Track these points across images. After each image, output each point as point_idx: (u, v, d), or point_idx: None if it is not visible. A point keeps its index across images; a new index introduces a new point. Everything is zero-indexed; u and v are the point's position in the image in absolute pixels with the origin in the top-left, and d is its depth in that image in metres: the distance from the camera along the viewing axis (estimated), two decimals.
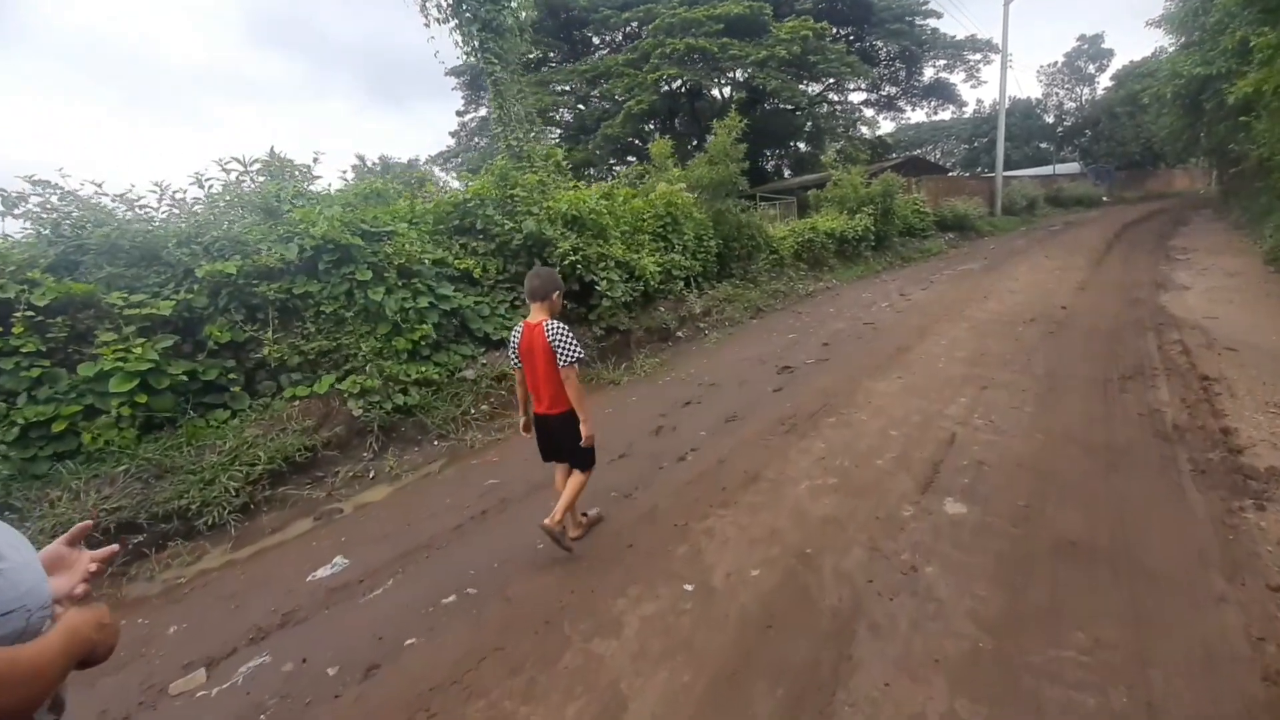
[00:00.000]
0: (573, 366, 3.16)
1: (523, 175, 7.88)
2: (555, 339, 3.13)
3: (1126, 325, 7.56)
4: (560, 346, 3.13)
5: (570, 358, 3.14)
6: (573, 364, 3.15)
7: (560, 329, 3.15)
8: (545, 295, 3.24)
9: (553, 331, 3.14)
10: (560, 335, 3.13)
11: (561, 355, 3.14)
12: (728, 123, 11.87)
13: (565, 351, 3.14)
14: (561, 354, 3.14)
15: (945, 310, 9.49)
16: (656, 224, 10.45)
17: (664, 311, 9.51)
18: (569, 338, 3.14)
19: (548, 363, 3.17)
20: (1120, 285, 10.35)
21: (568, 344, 3.13)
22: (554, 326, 3.15)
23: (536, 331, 3.18)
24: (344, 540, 4.10)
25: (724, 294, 11.52)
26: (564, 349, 3.13)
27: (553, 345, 3.13)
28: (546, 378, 3.22)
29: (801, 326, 9.65)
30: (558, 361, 3.15)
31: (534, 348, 3.20)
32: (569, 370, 3.16)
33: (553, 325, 3.16)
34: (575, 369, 3.18)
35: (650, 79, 21.12)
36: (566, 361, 3.14)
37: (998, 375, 6.02)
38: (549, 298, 3.25)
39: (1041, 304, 9.25)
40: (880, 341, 7.97)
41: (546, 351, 3.15)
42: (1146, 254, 14.01)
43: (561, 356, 3.14)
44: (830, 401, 5.68)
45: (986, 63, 32.32)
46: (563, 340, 3.13)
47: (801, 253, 14.96)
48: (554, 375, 3.20)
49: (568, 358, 3.14)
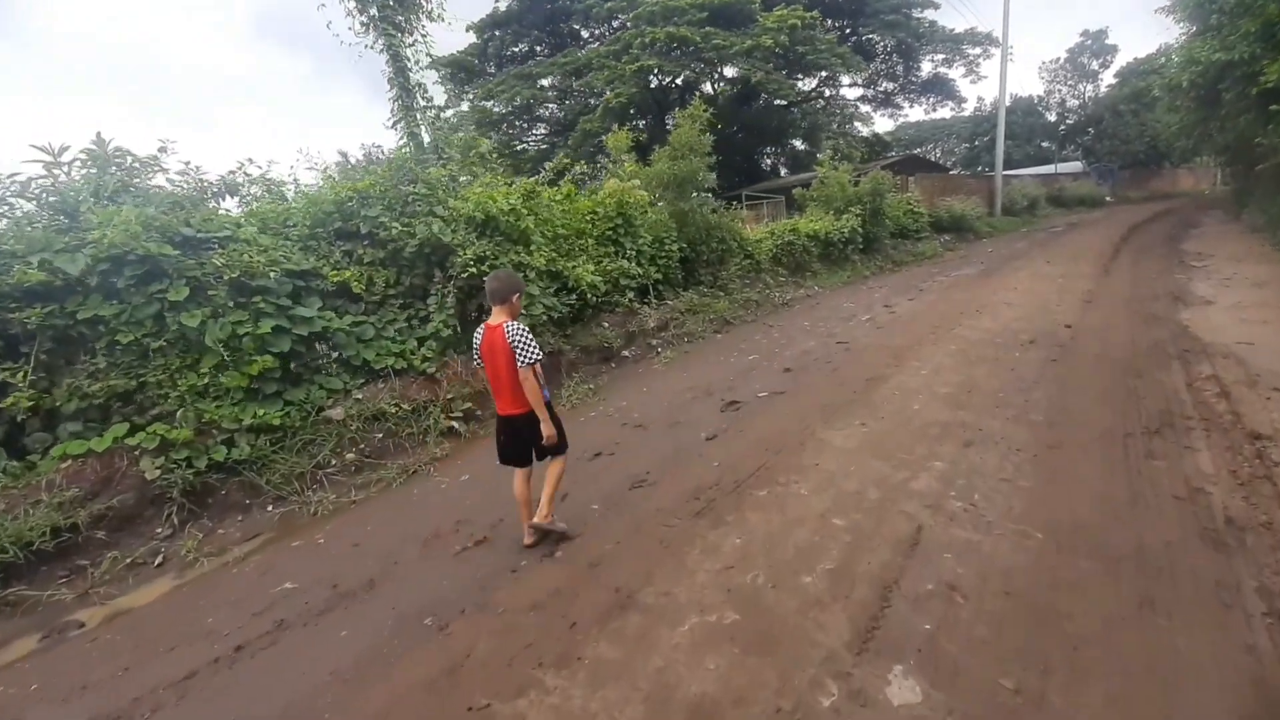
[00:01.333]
0: (531, 367, 3.19)
1: (427, 170, 6.55)
2: (514, 340, 3.17)
3: (1145, 352, 6.22)
4: (519, 346, 3.16)
5: (528, 359, 3.17)
6: (530, 365, 3.18)
7: (519, 330, 3.20)
8: (505, 298, 3.29)
9: (512, 333, 3.18)
10: (519, 336, 3.18)
11: (520, 355, 3.17)
12: (691, 111, 10.54)
13: (523, 352, 3.17)
14: (520, 354, 3.17)
15: (932, 327, 8.16)
16: (605, 227, 9.13)
17: (608, 328, 8.19)
18: (528, 338, 3.20)
19: (509, 364, 3.21)
20: (1132, 298, 9.00)
21: (526, 345, 3.18)
22: (513, 328, 3.20)
23: (497, 333, 3.21)
24: (53, 677, 2.83)
25: (687, 304, 10.21)
26: (522, 349, 3.17)
27: (512, 346, 3.17)
28: (508, 379, 3.25)
29: (768, 345, 8.34)
30: (517, 362, 3.17)
31: (495, 349, 3.24)
32: (526, 371, 3.18)
33: (512, 326, 3.21)
34: (533, 369, 3.21)
35: (629, 70, 19.74)
36: (524, 362, 3.17)
37: (986, 423, 4.71)
38: (508, 300, 3.30)
39: (1042, 321, 7.91)
40: (851, 368, 6.66)
41: (507, 352, 3.19)
42: (1158, 260, 12.63)
43: (520, 357, 3.17)
44: (769, 461, 4.37)
45: (986, 57, 30.88)
46: (521, 341, 3.17)
47: (781, 257, 13.63)
48: (515, 376, 3.22)
49: (526, 359, 3.17)
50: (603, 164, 15.69)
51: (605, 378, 7.44)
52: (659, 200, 10.71)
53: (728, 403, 5.94)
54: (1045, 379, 5.65)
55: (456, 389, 5.98)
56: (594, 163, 17.10)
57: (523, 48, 30.81)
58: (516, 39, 28.52)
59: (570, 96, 24.53)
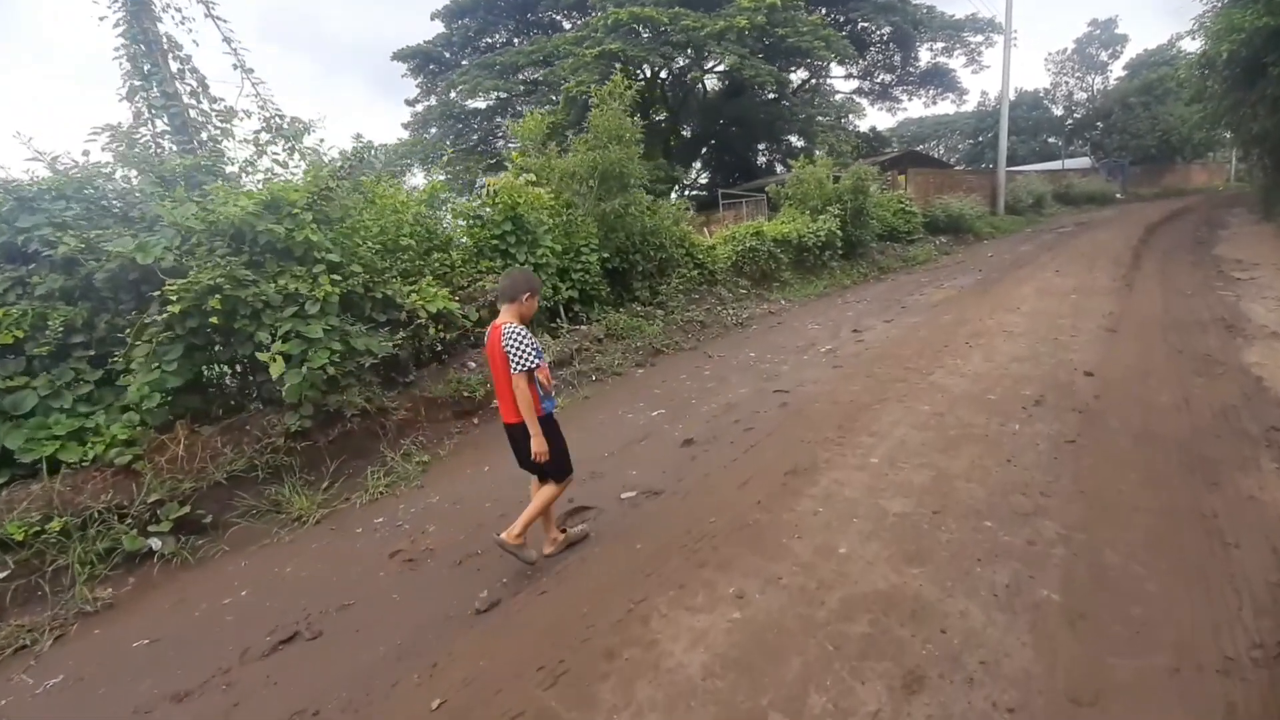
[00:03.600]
0: (523, 374, 2.89)
1: (168, 160, 4.48)
2: (508, 344, 2.89)
3: (1211, 429, 4.06)
4: (511, 351, 2.88)
5: (521, 365, 2.87)
6: (523, 371, 2.88)
7: (516, 333, 2.90)
8: (513, 297, 3.02)
9: (508, 336, 2.90)
10: (514, 340, 2.89)
11: (512, 361, 2.88)
12: (611, 87, 8.42)
13: (516, 358, 2.87)
14: (513, 360, 2.88)
15: (904, 369, 6.02)
16: (487, 236, 7.04)
17: (471, 371, 6.11)
18: (523, 343, 2.89)
19: (504, 367, 2.93)
20: (1170, 324, 6.80)
21: (520, 350, 2.88)
22: (511, 330, 2.91)
23: (496, 334, 2.96)
24: None
25: (608, 328, 8.11)
26: (515, 355, 2.88)
27: (505, 350, 2.89)
28: (504, 383, 2.96)
29: (688, 391, 6.24)
30: (509, 368, 2.88)
31: (494, 351, 2.98)
32: (518, 378, 2.89)
33: (510, 329, 2.91)
34: (525, 377, 2.90)
35: (590, 55, 17.57)
36: (516, 369, 2.88)
37: (960, 604, 2.59)
38: (517, 299, 3.02)
39: (1052, 361, 5.75)
40: (773, 447, 4.53)
41: (502, 356, 2.91)
42: (1190, 268, 10.37)
43: (512, 363, 2.88)
44: (539, 699, 2.27)
45: (989, 45, 28.44)
46: (516, 345, 2.88)
47: (743, 265, 11.49)
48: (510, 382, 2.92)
49: (518, 365, 2.87)
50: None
51: (454, 442, 5.37)
52: (578, 199, 8.60)
53: (570, 511, 3.84)
54: (1061, 485, 3.51)
55: (171, 483, 3.92)
56: None
57: (499, 38, 28.75)
58: (487, 28, 26.43)
59: (539, 88, 22.38)
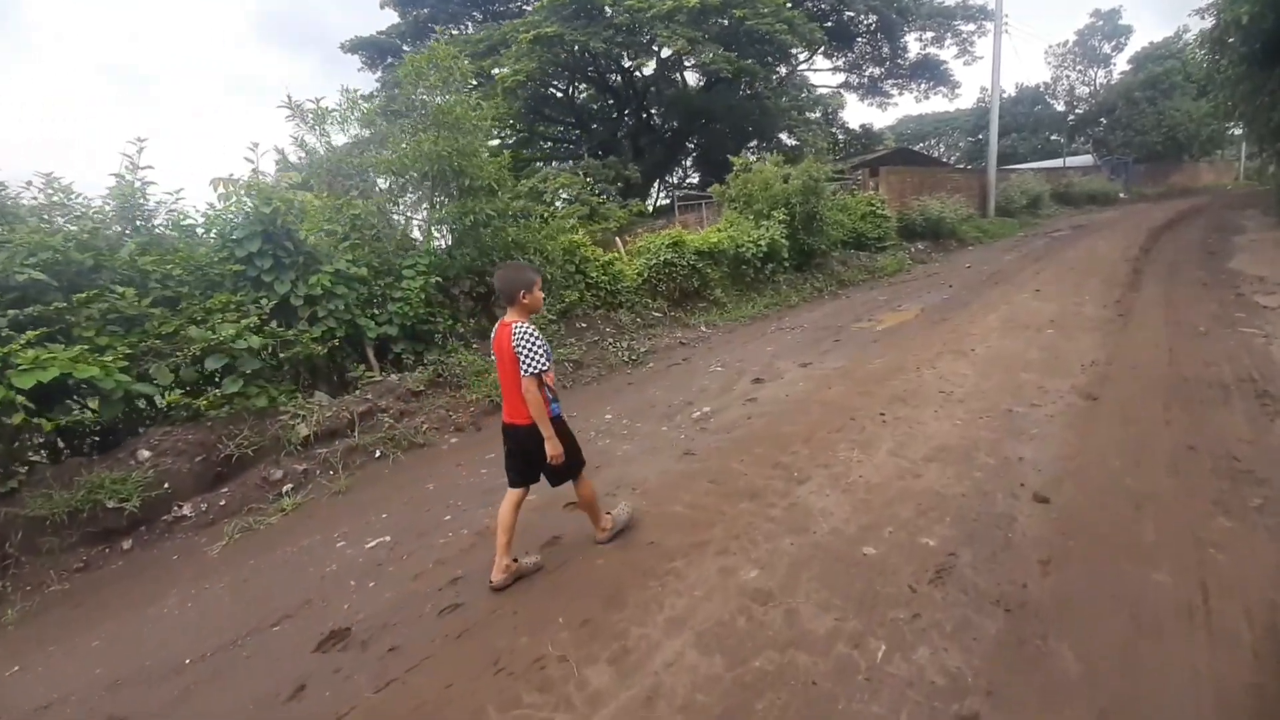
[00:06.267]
0: (534, 378, 2.72)
1: None
2: (519, 345, 2.73)
3: (1259, 661, 2.02)
4: (523, 354, 2.72)
5: (532, 368, 2.71)
6: (534, 375, 2.71)
7: (526, 334, 2.73)
8: (511, 299, 2.83)
9: (518, 337, 2.73)
10: (525, 341, 2.72)
11: (523, 364, 2.72)
12: (433, 53, 6.38)
13: (526, 361, 2.71)
14: (524, 363, 2.72)
15: (773, 466, 3.97)
16: (220, 259, 5.05)
17: (140, 465, 4.10)
18: (534, 345, 2.73)
19: (512, 368, 2.78)
20: (1177, 386, 4.70)
21: (531, 352, 2.71)
22: (520, 331, 2.74)
23: (504, 333, 2.80)
24: None
25: (438, 374, 6.13)
26: (526, 357, 2.71)
27: (515, 351, 2.73)
28: (512, 384, 2.82)
29: (464, 492, 4.25)
30: (519, 370, 2.72)
31: (502, 350, 2.83)
32: (530, 382, 2.72)
33: (520, 329, 2.75)
34: (535, 380, 2.73)
35: (525, 40, 15.50)
36: (527, 372, 2.71)
37: None
38: (516, 299, 2.82)
39: (991, 466, 3.67)
40: (440, 676, 2.51)
41: (511, 357, 2.76)
42: (1201, 290, 8.21)
43: (523, 365, 2.72)
44: None
45: (981, 34, 26.14)
46: (527, 347, 2.72)
47: (658, 284, 9.44)
48: (518, 382, 2.76)
49: (529, 368, 2.71)
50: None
51: (63, 588, 3.40)
52: (405, 208, 6.59)
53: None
54: None
55: None
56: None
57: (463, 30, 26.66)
58: (439, 15, 24.37)
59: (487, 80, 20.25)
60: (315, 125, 6.03)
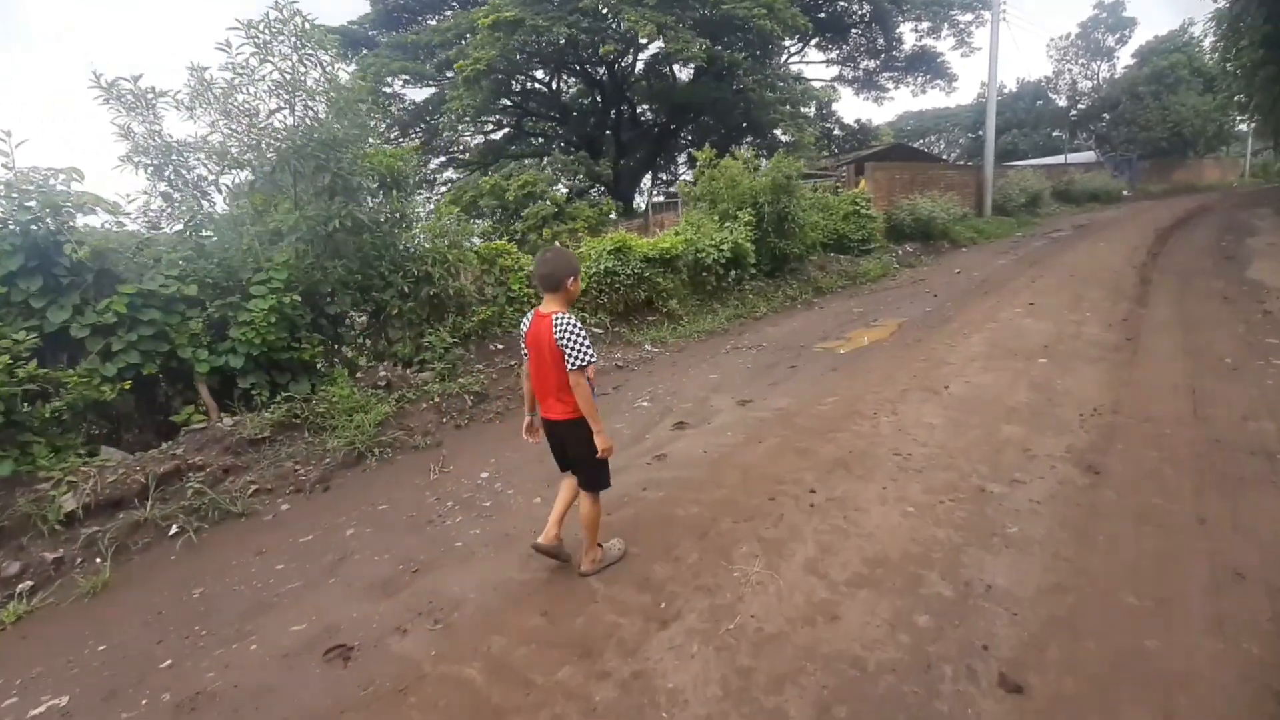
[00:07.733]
0: (582, 370, 2.52)
1: None
2: (563, 338, 2.50)
3: None
4: (569, 347, 2.50)
5: (581, 361, 2.50)
6: (583, 368, 2.51)
7: (570, 325, 2.51)
8: (556, 285, 2.60)
9: (561, 329, 2.51)
10: (570, 334, 2.50)
11: (570, 358, 2.51)
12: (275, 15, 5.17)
13: (575, 354, 2.50)
14: (570, 356, 2.50)
15: (669, 565, 2.80)
16: None
17: None
18: (580, 337, 2.51)
19: (555, 363, 2.57)
20: (1211, 447, 3.51)
21: (578, 345, 2.50)
22: (564, 322, 2.52)
23: (545, 325, 2.57)
24: None
25: (291, 414, 4.97)
26: (574, 351, 2.50)
27: (559, 345, 2.52)
28: (553, 379, 2.61)
29: (247, 596, 3.07)
30: (565, 364, 2.52)
31: (541, 343, 2.60)
32: (578, 375, 2.53)
33: (563, 320, 2.53)
34: (585, 373, 2.53)
35: (484, 24, 14.27)
36: (576, 365, 2.51)
37: None
38: (563, 286, 2.61)
39: (948, 600, 2.50)
40: None
41: (553, 350, 2.55)
42: (1221, 304, 7.00)
43: (570, 359, 2.51)
44: None
45: (979, 24, 24.80)
46: (573, 340, 2.50)
47: (600, 295, 8.26)
48: (561, 378, 2.57)
49: (577, 361, 2.50)
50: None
51: None
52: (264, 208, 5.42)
53: None
54: None
55: None
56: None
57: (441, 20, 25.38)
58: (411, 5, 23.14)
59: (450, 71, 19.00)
60: (139, 110, 4.87)
